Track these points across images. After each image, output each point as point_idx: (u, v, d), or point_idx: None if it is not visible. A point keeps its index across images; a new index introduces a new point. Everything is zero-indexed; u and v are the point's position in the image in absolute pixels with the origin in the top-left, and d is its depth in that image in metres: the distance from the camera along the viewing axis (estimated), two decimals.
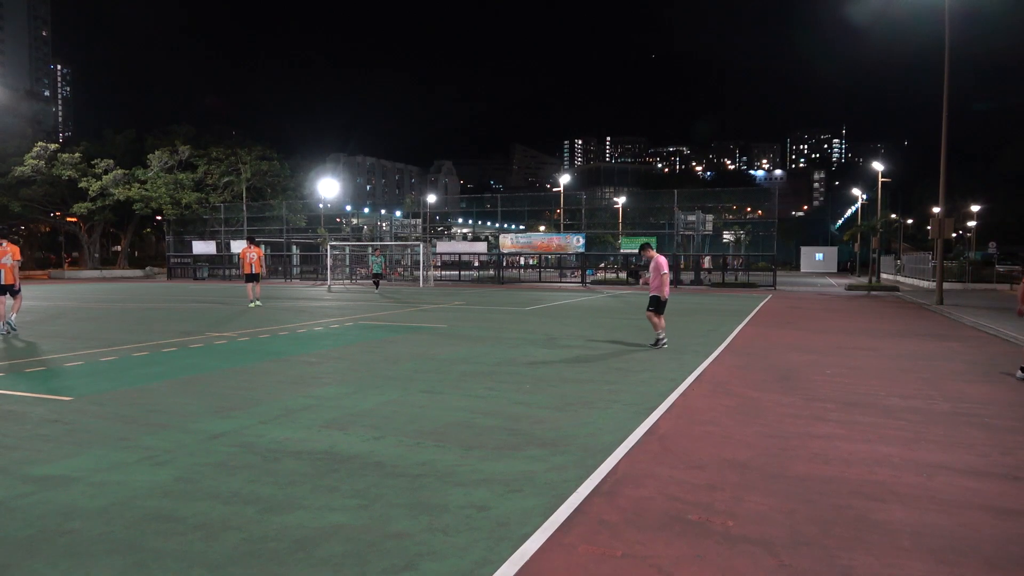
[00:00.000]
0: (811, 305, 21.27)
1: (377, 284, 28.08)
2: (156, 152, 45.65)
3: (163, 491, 4.11)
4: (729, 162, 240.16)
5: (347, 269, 40.68)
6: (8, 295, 11.85)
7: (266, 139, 51.19)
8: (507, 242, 37.74)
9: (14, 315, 12.08)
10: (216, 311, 17.47)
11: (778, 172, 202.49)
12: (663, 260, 10.66)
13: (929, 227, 29.48)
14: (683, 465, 4.73)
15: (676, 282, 34.53)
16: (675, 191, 36.01)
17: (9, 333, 11.84)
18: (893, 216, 53.82)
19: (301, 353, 9.95)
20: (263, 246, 33.74)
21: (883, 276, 42.53)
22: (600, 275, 40.66)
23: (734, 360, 9.56)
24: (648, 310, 10.70)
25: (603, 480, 4.38)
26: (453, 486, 4.23)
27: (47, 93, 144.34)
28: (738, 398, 6.99)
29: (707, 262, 39.27)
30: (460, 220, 62.93)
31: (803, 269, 68.91)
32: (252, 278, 18.77)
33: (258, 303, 18.71)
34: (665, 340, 10.79)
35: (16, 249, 12.05)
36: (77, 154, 45.46)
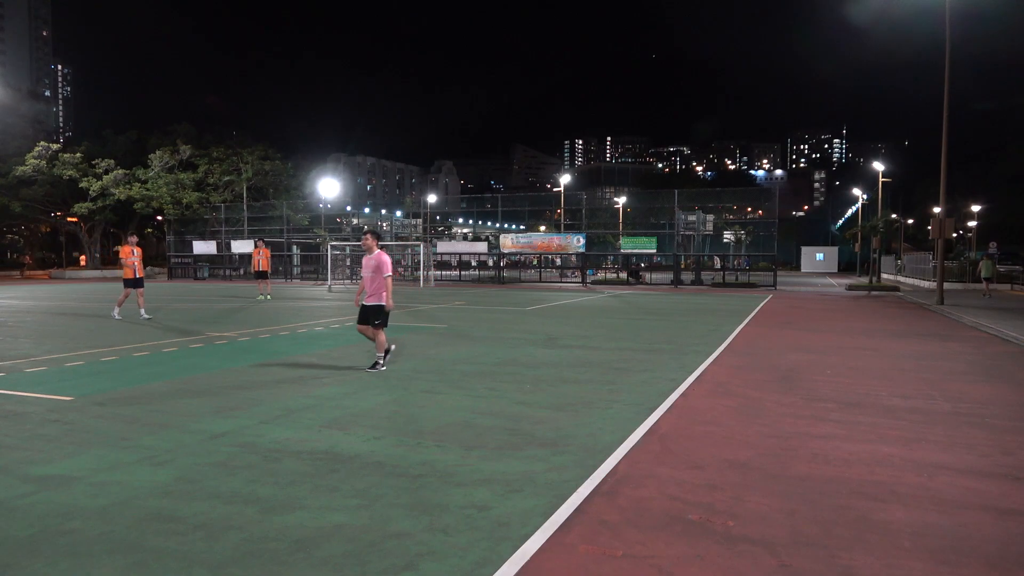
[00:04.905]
0: (812, 305, 21.26)
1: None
2: (157, 152, 45.60)
3: (163, 491, 4.11)
4: (730, 162, 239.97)
5: (348, 269, 40.68)
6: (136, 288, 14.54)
7: (267, 139, 51.23)
8: (507, 242, 37.73)
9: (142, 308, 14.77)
10: (216, 311, 17.47)
11: (778, 172, 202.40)
12: (388, 259, 8.28)
13: (930, 227, 29.45)
14: (684, 465, 4.73)
15: (676, 282, 34.57)
16: (675, 191, 35.94)
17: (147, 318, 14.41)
18: (894, 216, 53.71)
19: (301, 353, 9.96)
20: (268, 247, 34.10)
21: (884, 276, 42.50)
22: (601, 275, 40.67)
23: (735, 360, 9.56)
24: (373, 324, 8.15)
25: (603, 480, 4.38)
26: (453, 486, 4.23)
27: (48, 93, 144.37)
28: (739, 398, 6.99)
29: (716, 262, 41.15)
30: (460, 220, 62.75)
31: (804, 269, 68.92)
32: (261, 275, 22.26)
33: (268, 296, 21.97)
34: (384, 364, 8.31)
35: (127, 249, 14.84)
36: (78, 154, 45.42)
